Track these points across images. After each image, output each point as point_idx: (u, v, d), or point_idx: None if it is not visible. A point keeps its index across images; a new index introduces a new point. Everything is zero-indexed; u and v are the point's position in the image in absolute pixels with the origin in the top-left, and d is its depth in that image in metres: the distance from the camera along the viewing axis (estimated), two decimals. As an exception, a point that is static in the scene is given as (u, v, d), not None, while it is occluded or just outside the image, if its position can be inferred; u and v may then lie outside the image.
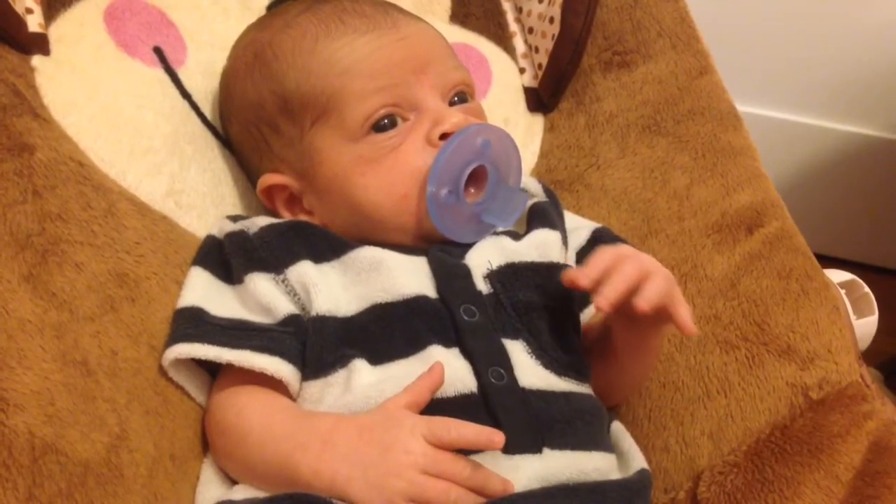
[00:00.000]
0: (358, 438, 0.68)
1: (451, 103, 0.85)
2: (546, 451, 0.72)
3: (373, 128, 0.81)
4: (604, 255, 0.73)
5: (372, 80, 0.81)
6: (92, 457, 0.66)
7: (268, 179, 0.86)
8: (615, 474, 0.77)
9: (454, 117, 0.81)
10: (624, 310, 0.73)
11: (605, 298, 0.71)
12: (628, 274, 0.72)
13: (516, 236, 0.84)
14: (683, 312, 0.74)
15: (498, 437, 0.67)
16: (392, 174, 0.81)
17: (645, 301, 0.71)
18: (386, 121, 0.81)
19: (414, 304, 0.77)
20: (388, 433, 0.68)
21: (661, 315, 0.74)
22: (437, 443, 0.68)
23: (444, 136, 0.81)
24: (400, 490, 0.66)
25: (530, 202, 0.89)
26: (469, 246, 0.82)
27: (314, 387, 0.75)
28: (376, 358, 0.75)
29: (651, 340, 0.82)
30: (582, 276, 0.72)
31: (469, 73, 0.89)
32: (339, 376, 0.74)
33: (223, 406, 0.75)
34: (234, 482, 0.75)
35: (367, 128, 0.81)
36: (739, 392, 0.86)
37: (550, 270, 0.82)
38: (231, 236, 0.82)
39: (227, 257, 0.81)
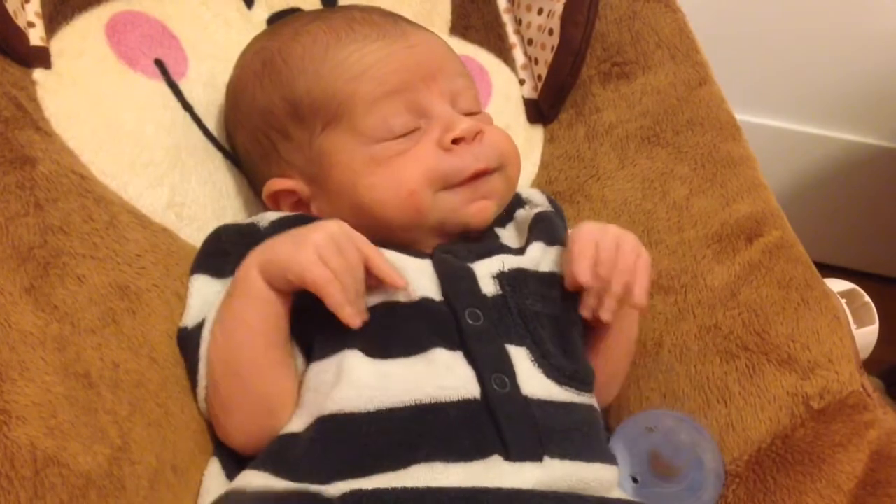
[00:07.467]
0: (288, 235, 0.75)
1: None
2: (546, 459, 0.72)
3: (386, 132, 0.82)
4: (587, 247, 0.79)
5: (383, 85, 0.82)
6: (94, 469, 0.66)
7: (275, 184, 0.86)
8: (616, 487, 0.77)
9: (464, 122, 0.82)
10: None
11: (609, 312, 0.78)
12: (622, 271, 0.78)
13: (520, 251, 0.84)
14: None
15: (402, 282, 0.75)
16: (401, 172, 0.81)
17: (638, 303, 0.79)
18: (399, 126, 0.82)
19: (419, 306, 0.77)
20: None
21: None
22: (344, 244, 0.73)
23: (455, 141, 0.82)
24: (305, 252, 0.72)
25: (534, 211, 0.90)
26: (476, 253, 0.82)
27: (310, 371, 0.75)
28: (376, 353, 0.74)
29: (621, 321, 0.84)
30: (581, 274, 0.78)
31: (475, 85, 0.90)
32: (331, 363, 0.74)
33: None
34: (237, 473, 0.74)
35: (380, 132, 0.82)
36: (740, 402, 0.86)
37: (555, 281, 0.82)
38: (237, 228, 0.83)
39: (225, 247, 0.82)
